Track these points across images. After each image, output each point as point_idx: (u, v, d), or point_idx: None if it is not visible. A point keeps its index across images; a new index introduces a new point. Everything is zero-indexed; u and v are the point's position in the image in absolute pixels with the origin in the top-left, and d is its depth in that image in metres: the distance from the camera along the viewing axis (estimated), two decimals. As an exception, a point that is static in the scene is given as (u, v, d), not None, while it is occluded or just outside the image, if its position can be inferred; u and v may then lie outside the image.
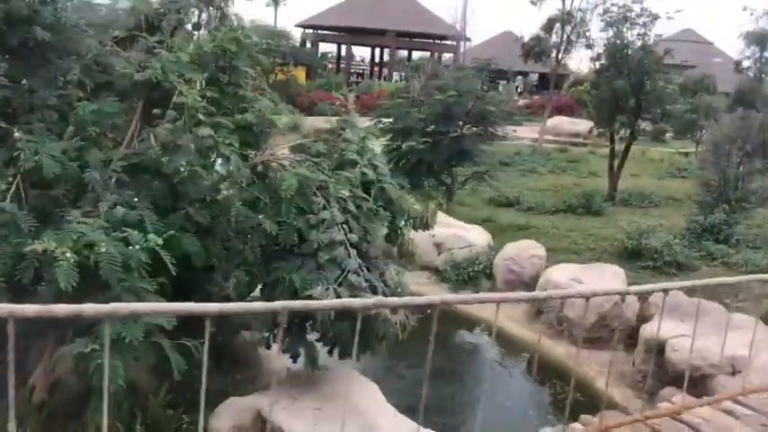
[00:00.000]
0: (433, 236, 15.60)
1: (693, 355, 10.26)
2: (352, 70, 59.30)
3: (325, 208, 6.99)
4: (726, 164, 16.57)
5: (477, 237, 15.59)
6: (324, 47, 61.78)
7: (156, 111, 6.79)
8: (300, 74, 49.61)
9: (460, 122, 16.51)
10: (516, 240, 17.14)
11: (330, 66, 58.00)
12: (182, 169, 6.47)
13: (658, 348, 10.69)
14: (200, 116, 6.53)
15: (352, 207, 7.14)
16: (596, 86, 21.54)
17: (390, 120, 17.31)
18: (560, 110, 43.40)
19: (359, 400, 7.52)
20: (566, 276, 13.12)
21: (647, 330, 11.11)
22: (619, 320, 12.10)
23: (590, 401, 10.99)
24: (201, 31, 7.80)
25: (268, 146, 7.69)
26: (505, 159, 29.56)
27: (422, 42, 58.18)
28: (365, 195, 7.67)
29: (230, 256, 6.90)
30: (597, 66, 21.80)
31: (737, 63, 37.75)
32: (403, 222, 8.61)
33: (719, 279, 6.50)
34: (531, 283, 14.07)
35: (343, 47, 58.56)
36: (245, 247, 6.85)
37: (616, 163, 22.24)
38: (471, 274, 14.60)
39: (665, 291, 6.17)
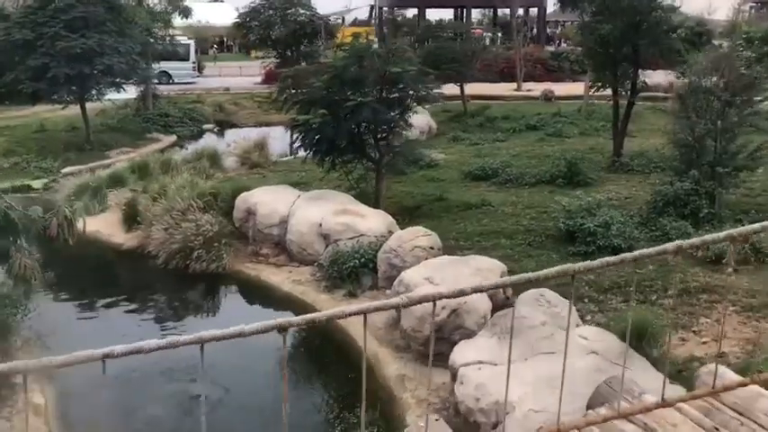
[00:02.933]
0: (320, 225, 13.47)
1: (474, 392, 7.65)
2: (435, 34, 56.26)
3: None
4: (698, 118, 13.05)
5: (374, 224, 13.13)
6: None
7: None
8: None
9: (369, 88, 13.87)
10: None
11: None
12: None
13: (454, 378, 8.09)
14: None
15: None
16: (581, 34, 18.00)
17: (296, 90, 15.04)
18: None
19: None
20: (420, 275, 10.54)
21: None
22: (459, 333, 9.44)
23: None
24: None
25: None
26: (533, 122, 26.31)
27: (503, -1, 54.19)
28: None
29: None
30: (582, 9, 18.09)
31: None
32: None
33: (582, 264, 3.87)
34: (412, 280, 11.55)
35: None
36: None
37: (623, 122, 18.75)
38: (350, 269, 12.28)
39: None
